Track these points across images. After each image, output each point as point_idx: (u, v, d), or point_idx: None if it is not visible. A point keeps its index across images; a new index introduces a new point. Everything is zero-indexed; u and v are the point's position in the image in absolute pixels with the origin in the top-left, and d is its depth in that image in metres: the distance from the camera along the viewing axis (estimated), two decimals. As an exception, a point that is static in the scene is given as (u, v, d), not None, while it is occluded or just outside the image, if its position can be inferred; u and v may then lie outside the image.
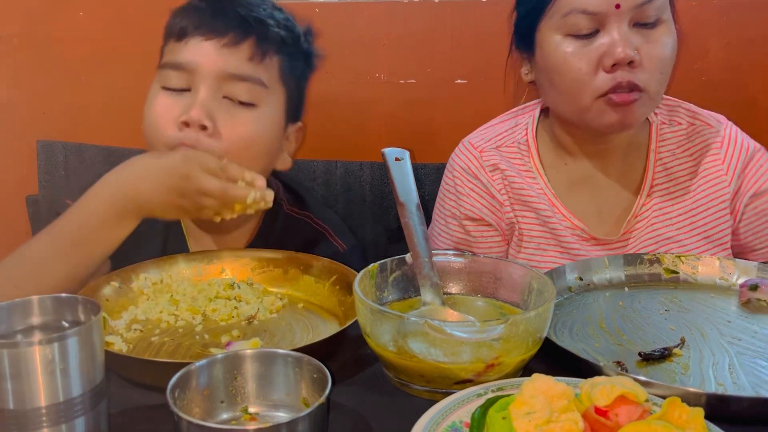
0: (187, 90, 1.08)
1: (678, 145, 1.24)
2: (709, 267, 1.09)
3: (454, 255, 0.93)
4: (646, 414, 0.63)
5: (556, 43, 1.11)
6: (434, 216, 1.31)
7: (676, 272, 1.09)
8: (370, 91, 1.59)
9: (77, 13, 1.61)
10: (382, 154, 0.94)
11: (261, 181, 0.98)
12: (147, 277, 1.01)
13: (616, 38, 1.07)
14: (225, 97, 1.08)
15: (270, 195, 0.99)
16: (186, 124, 1.04)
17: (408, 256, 0.89)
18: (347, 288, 0.96)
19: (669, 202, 1.22)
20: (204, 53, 1.07)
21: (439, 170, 1.59)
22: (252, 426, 0.62)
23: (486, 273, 0.92)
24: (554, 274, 1.03)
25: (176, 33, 1.10)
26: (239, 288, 1.01)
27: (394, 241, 1.62)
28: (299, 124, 1.23)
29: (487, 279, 0.92)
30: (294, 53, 1.16)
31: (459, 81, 1.62)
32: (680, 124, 1.25)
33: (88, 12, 1.61)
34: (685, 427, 0.60)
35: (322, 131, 1.49)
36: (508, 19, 1.20)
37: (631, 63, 1.06)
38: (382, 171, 1.60)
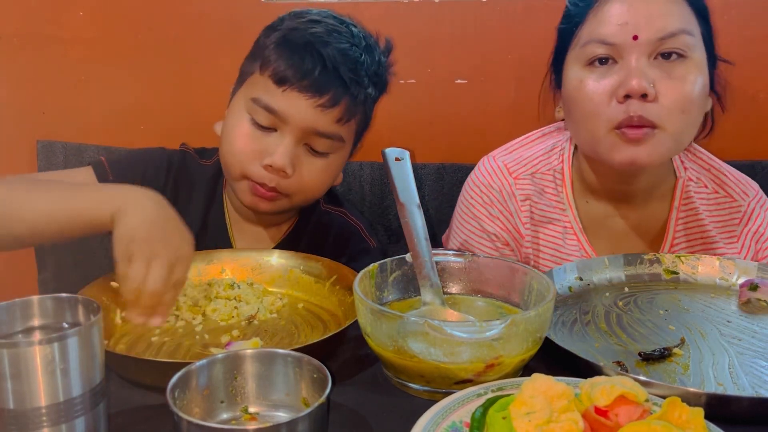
0: (273, 130, 1.13)
1: (702, 204, 1.21)
2: (709, 267, 1.09)
3: (454, 255, 0.93)
4: (646, 414, 0.63)
5: (575, 73, 1.10)
6: (456, 222, 1.28)
7: (676, 272, 1.09)
8: (370, 91, 1.59)
9: (77, 13, 1.61)
10: (382, 154, 0.94)
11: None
12: (147, 277, 1.00)
13: (631, 69, 1.04)
14: (304, 144, 1.15)
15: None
16: (270, 167, 1.11)
17: (408, 256, 0.89)
18: (347, 288, 0.96)
19: None
20: (299, 109, 1.11)
21: (439, 170, 1.59)
22: (252, 426, 0.62)
23: (486, 273, 0.92)
24: (554, 274, 1.03)
25: (277, 78, 1.11)
26: (239, 288, 1.01)
27: (394, 241, 1.62)
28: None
29: (487, 279, 0.92)
30: (373, 105, 1.22)
31: (459, 81, 1.62)
32: (706, 187, 1.23)
33: (88, 12, 1.61)
34: (685, 427, 0.60)
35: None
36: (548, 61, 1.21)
37: (644, 96, 1.03)
38: (382, 171, 1.60)
